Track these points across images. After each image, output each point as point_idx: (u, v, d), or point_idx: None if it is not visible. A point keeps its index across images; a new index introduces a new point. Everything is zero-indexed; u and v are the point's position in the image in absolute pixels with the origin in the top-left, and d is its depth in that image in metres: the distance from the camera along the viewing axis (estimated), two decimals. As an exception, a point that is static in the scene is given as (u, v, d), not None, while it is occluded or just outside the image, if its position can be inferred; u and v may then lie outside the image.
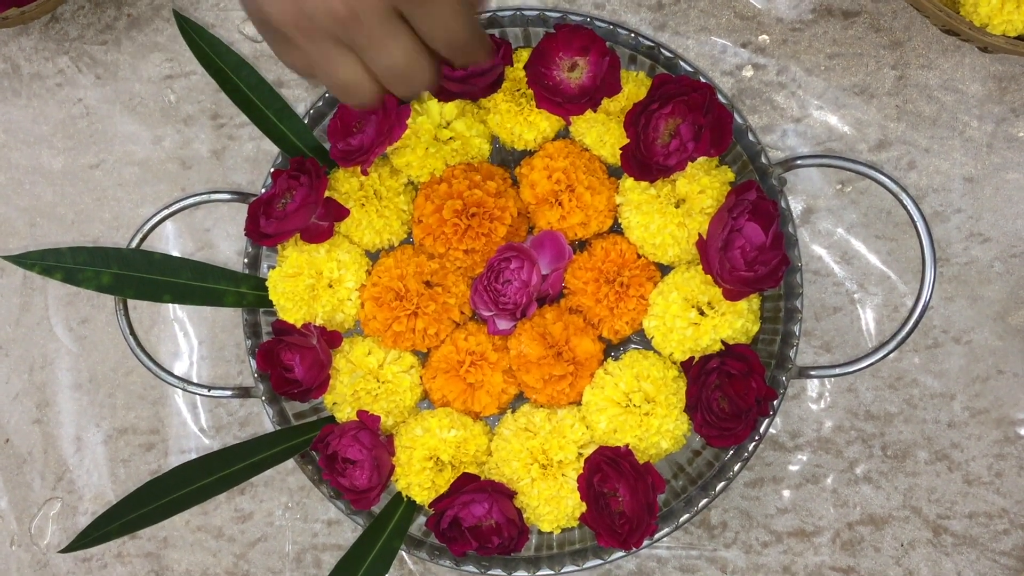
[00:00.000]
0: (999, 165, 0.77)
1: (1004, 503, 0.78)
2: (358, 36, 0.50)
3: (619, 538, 0.66)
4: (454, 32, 0.52)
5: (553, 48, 0.66)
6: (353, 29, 0.49)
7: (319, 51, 0.51)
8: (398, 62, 0.51)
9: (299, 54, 0.52)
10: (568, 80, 0.65)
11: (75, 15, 0.83)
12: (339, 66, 0.51)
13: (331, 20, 0.49)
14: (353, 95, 0.53)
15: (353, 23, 0.49)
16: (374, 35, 0.50)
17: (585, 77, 0.65)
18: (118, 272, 0.69)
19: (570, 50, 0.65)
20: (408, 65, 0.52)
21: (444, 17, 0.51)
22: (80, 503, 0.85)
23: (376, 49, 0.50)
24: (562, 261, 0.70)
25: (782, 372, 0.70)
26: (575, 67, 0.65)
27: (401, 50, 0.51)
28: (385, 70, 0.51)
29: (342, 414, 0.72)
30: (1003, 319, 0.78)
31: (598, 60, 0.65)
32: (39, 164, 0.84)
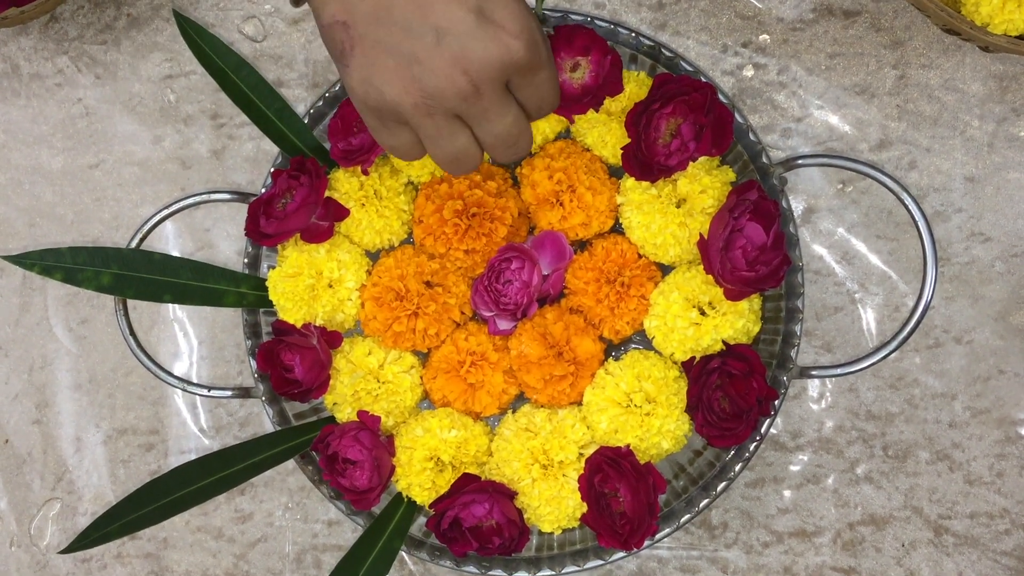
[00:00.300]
0: (1000, 164, 0.77)
1: (1005, 503, 0.78)
2: (475, 108, 0.52)
3: (620, 538, 0.66)
4: (549, 100, 0.55)
5: (554, 49, 0.66)
6: (472, 102, 0.51)
7: (434, 126, 0.53)
8: (510, 131, 0.54)
9: (406, 134, 0.54)
10: (571, 80, 0.65)
11: (74, 15, 0.83)
12: (454, 139, 0.53)
13: (454, 95, 0.51)
14: (463, 164, 0.55)
15: (474, 96, 0.51)
16: (491, 107, 0.52)
17: (588, 77, 0.65)
18: (118, 272, 0.69)
19: (572, 50, 0.65)
20: (517, 133, 0.54)
21: (545, 87, 0.54)
22: (80, 504, 0.85)
23: (491, 120, 0.53)
24: (563, 261, 0.70)
25: (783, 372, 0.70)
26: (577, 67, 0.65)
27: (513, 118, 0.53)
28: (496, 139, 0.54)
29: (342, 414, 0.72)
30: (1004, 319, 0.78)
31: (600, 59, 0.65)
32: (39, 164, 0.84)
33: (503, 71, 0.51)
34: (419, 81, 0.51)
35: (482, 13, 0.49)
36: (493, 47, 0.50)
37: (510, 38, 0.50)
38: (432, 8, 0.49)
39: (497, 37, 0.50)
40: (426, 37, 0.49)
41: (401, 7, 0.49)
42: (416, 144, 0.55)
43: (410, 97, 0.51)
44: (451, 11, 0.49)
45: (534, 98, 0.54)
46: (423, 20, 0.49)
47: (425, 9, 0.49)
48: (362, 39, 0.51)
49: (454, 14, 0.49)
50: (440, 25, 0.49)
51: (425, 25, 0.49)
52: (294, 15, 0.82)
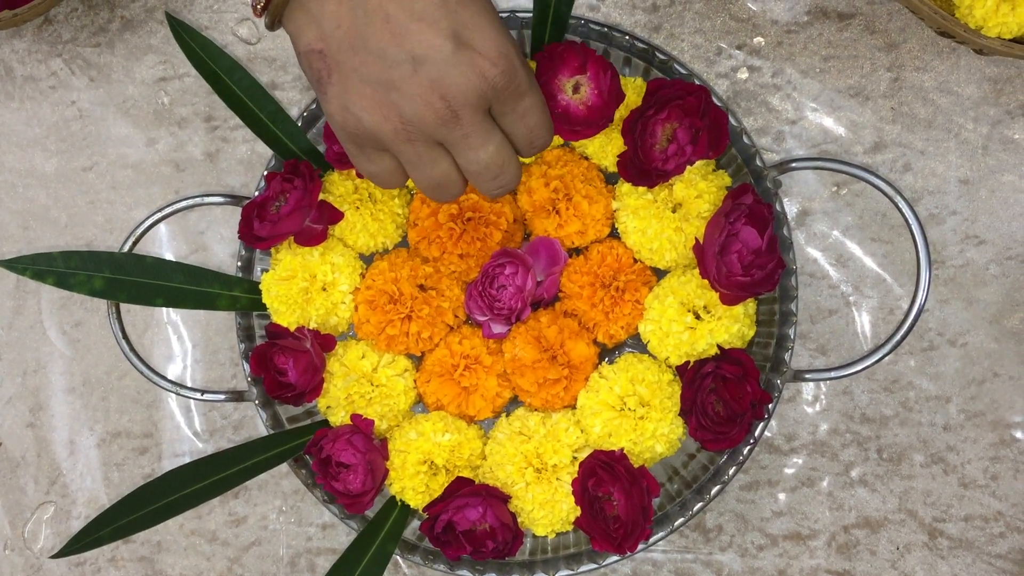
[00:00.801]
0: (994, 167, 0.77)
1: (1000, 506, 0.78)
2: (455, 134, 0.51)
3: (614, 542, 0.66)
4: (539, 130, 0.55)
5: (550, 71, 0.65)
6: (452, 127, 0.51)
7: (415, 152, 0.52)
8: (493, 159, 0.53)
9: (386, 160, 0.54)
10: (576, 102, 0.64)
11: (68, 17, 0.83)
12: (434, 165, 0.53)
13: (433, 120, 0.50)
14: (445, 191, 0.55)
15: (453, 122, 0.50)
16: (471, 133, 0.51)
17: (591, 95, 0.64)
18: (110, 276, 0.69)
19: (568, 69, 0.64)
20: (500, 163, 0.54)
21: (532, 115, 0.53)
22: (73, 507, 0.85)
23: (472, 147, 0.52)
24: (557, 266, 0.70)
25: (777, 375, 0.70)
26: (579, 87, 0.64)
27: (495, 147, 0.53)
28: (478, 167, 0.53)
29: (336, 418, 0.72)
30: (999, 322, 0.78)
31: (599, 74, 0.65)
32: (32, 167, 0.84)
33: (482, 97, 0.50)
34: (397, 107, 0.50)
35: (459, 39, 0.49)
36: (470, 73, 0.49)
37: (488, 64, 0.49)
38: (407, 36, 0.49)
39: (474, 63, 0.49)
40: (403, 65, 0.49)
41: (376, 35, 0.49)
42: (396, 171, 0.54)
43: (389, 123, 0.51)
44: (427, 38, 0.49)
45: (521, 127, 0.54)
46: (398, 48, 0.49)
47: (400, 37, 0.49)
48: (339, 66, 0.51)
49: (430, 41, 0.49)
50: (416, 52, 0.49)
51: (401, 53, 0.49)
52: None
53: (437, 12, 0.48)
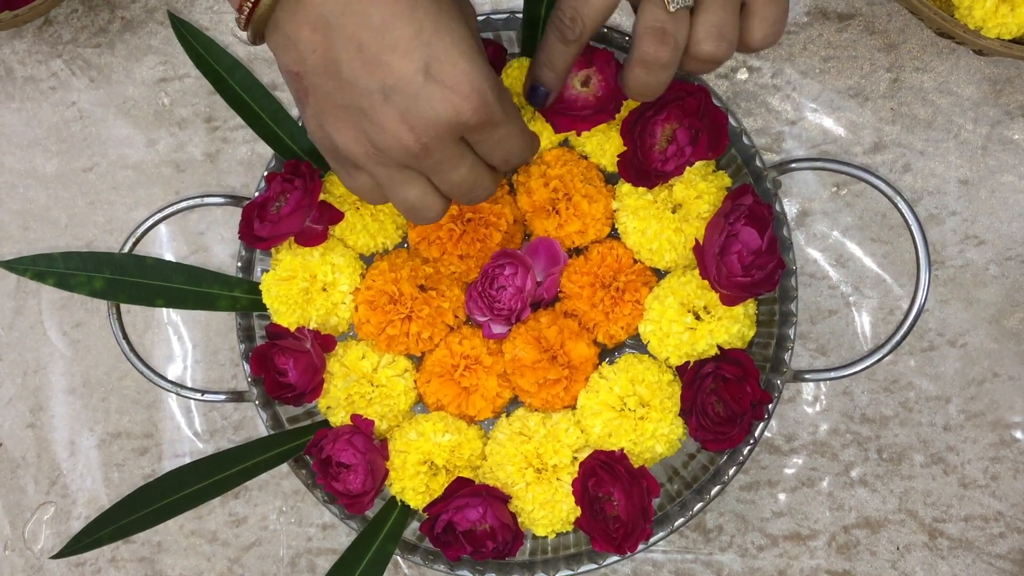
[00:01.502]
0: (994, 168, 0.77)
1: (1000, 506, 0.78)
2: (424, 163, 0.52)
3: (614, 543, 0.66)
4: (513, 153, 0.55)
5: None
6: (421, 158, 0.51)
7: (387, 175, 0.53)
8: (464, 180, 0.54)
9: (364, 178, 0.54)
10: (584, 95, 0.65)
11: (68, 18, 0.83)
12: (408, 189, 0.54)
13: (402, 151, 0.51)
14: (420, 213, 0.55)
15: (422, 153, 0.51)
16: (441, 161, 0.52)
17: (600, 86, 0.65)
18: (110, 277, 0.69)
19: (575, 67, 0.65)
20: (473, 181, 0.54)
21: (508, 143, 0.54)
22: (74, 508, 0.85)
23: (443, 172, 0.53)
24: (557, 266, 0.70)
25: (777, 376, 0.70)
26: (588, 80, 0.65)
27: (466, 170, 0.53)
28: (451, 187, 0.54)
29: (336, 418, 0.72)
30: (998, 322, 0.78)
31: (604, 65, 0.65)
32: (32, 167, 0.84)
33: (452, 130, 0.50)
34: (367, 134, 0.51)
35: (429, 73, 0.49)
36: (440, 107, 0.49)
37: (459, 99, 0.49)
38: (379, 66, 0.49)
39: (445, 97, 0.49)
40: (374, 94, 0.49)
41: (348, 63, 0.49)
42: (376, 188, 0.55)
43: (360, 147, 0.52)
44: (397, 69, 0.48)
45: (497, 153, 0.54)
46: (370, 77, 0.49)
47: (371, 66, 0.49)
48: (315, 89, 0.51)
49: (401, 72, 0.48)
50: (386, 83, 0.49)
51: (372, 82, 0.49)
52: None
53: (410, 44, 0.48)
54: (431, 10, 0.49)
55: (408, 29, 0.48)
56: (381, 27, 0.48)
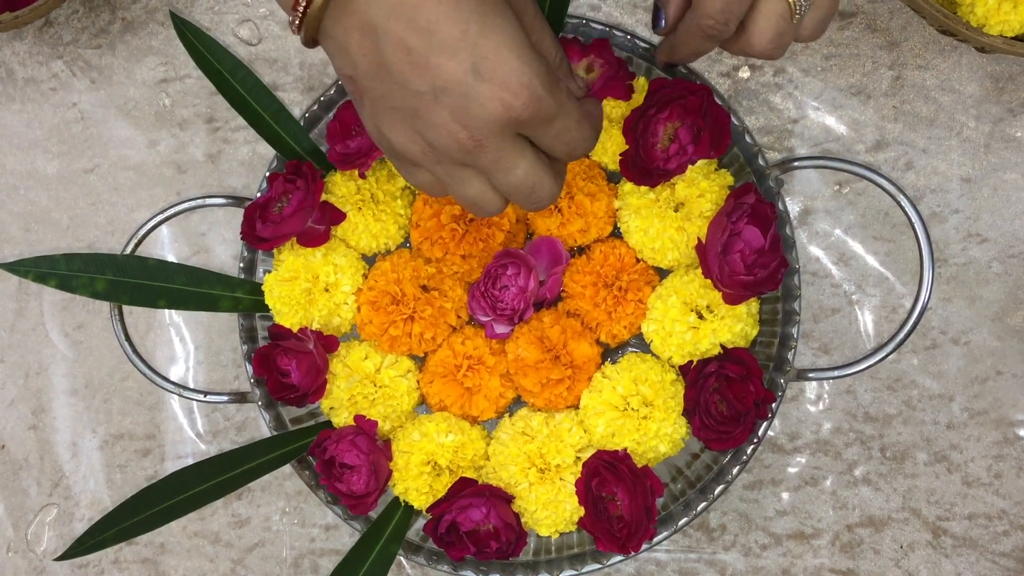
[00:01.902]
0: (996, 165, 0.77)
1: (1003, 504, 0.78)
2: (480, 161, 0.51)
3: (618, 542, 0.66)
4: (575, 144, 0.54)
5: None
6: (476, 155, 0.51)
7: (446, 173, 0.53)
8: (523, 182, 0.53)
9: (425, 174, 0.54)
10: (590, 80, 0.66)
11: (69, 19, 0.83)
12: (466, 185, 0.53)
13: (456, 149, 0.50)
14: (483, 209, 0.55)
15: (477, 150, 0.50)
16: (497, 159, 0.51)
17: (604, 68, 0.66)
18: (112, 278, 0.69)
19: (575, 57, 0.66)
20: (532, 184, 0.53)
21: (567, 135, 0.53)
22: (76, 509, 0.85)
23: (500, 171, 0.52)
24: (559, 265, 0.70)
25: (780, 375, 0.70)
26: (591, 67, 0.66)
27: (523, 171, 0.52)
28: (509, 188, 0.53)
29: (339, 419, 0.72)
30: (1001, 320, 0.78)
31: (602, 50, 0.66)
32: (34, 169, 0.84)
33: (505, 127, 0.50)
34: (422, 134, 0.51)
35: (478, 71, 0.48)
36: (491, 105, 0.49)
37: (509, 96, 0.49)
38: (427, 67, 0.48)
39: (494, 95, 0.49)
40: (425, 95, 0.49)
41: (398, 66, 0.49)
42: (437, 183, 0.55)
43: (416, 147, 0.52)
44: (446, 71, 0.48)
45: (558, 146, 0.53)
46: (420, 78, 0.49)
47: (420, 68, 0.49)
48: (368, 92, 0.51)
49: (450, 74, 0.48)
50: (436, 84, 0.49)
51: (423, 83, 0.49)
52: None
53: (456, 44, 0.48)
54: (476, 8, 0.48)
55: (454, 29, 0.48)
56: (427, 29, 0.48)
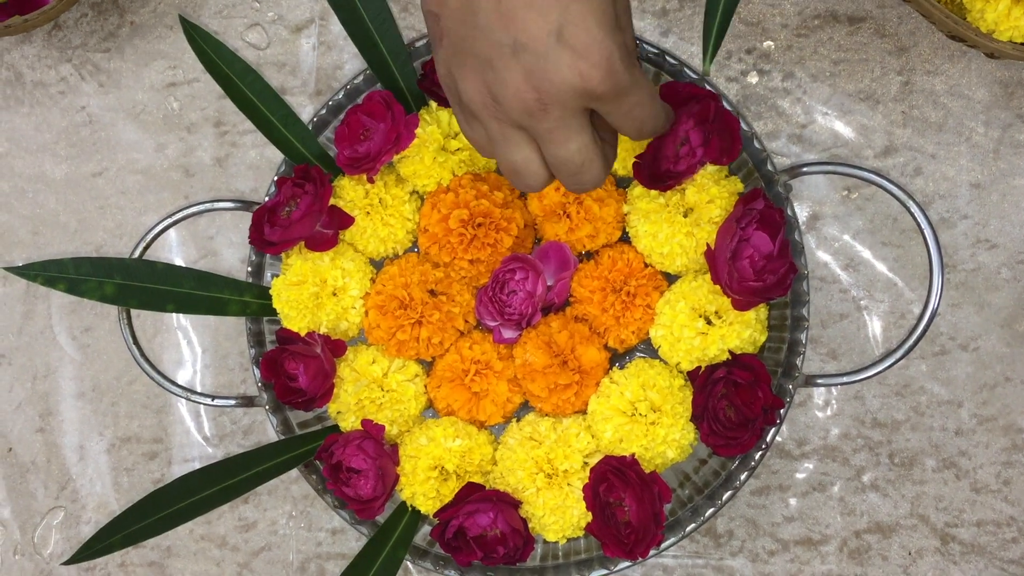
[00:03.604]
0: (1006, 171, 0.77)
1: (1012, 511, 0.78)
2: (540, 126, 0.51)
3: (625, 548, 0.66)
4: (645, 122, 0.53)
5: None
6: (538, 119, 0.50)
7: (500, 131, 0.52)
8: (573, 157, 0.52)
9: (481, 130, 0.53)
10: None
11: (78, 23, 0.83)
12: (515, 149, 0.53)
13: (519, 107, 0.50)
14: (522, 178, 0.54)
15: (540, 114, 0.50)
16: (556, 128, 0.51)
17: None
18: (121, 282, 0.69)
19: None
20: (582, 162, 0.53)
21: (637, 111, 0.52)
22: (83, 512, 0.85)
23: (555, 142, 0.51)
24: (567, 271, 0.70)
25: (789, 380, 0.70)
26: None
27: (577, 146, 0.52)
28: (559, 161, 0.53)
29: (346, 423, 0.72)
30: (1011, 326, 0.78)
31: None
32: (42, 172, 0.84)
33: (576, 98, 0.49)
34: (490, 86, 0.50)
35: (562, 36, 0.48)
36: (568, 73, 0.48)
37: (587, 66, 0.48)
38: (514, 20, 0.48)
39: (572, 63, 0.48)
40: (504, 47, 0.49)
41: (486, 12, 0.49)
42: (488, 142, 0.54)
43: (480, 97, 0.51)
44: (531, 27, 0.48)
45: (628, 123, 0.53)
46: (504, 30, 0.48)
47: (507, 19, 0.48)
48: (449, 33, 0.51)
49: (534, 31, 0.48)
50: (518, 39, 0.48)
51: (505, 35, 0.49)
52: (298, 23, 0.81)
53: (548, 4, 0.48)
54: None
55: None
56: None
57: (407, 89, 0.71)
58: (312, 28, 0.82)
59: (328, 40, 0.81)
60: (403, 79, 0.70)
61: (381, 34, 0.69)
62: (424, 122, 0.69)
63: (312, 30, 0.82)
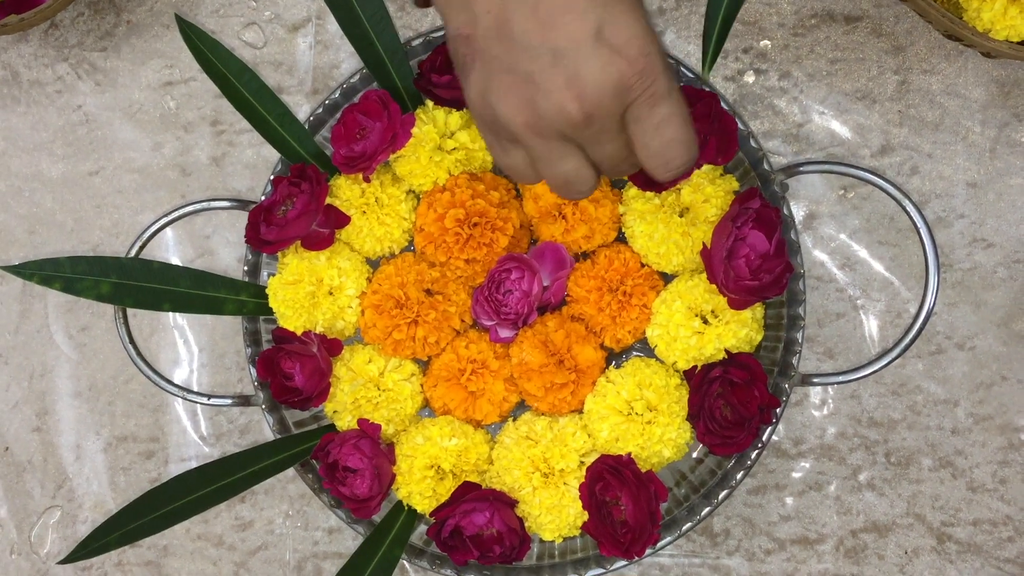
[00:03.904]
0: (1002, 170, 0.77)
1: (1008, 510, 0.78)
2: (586, 133, 0.51)
3: (621, 547, 0.66)
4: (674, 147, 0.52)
5: None
6: (582, 129, 0.50)
7: (545, 148, 0.52)
8: (617, 153, 0.52)
9: (521, 153, 0.53)
10: None
11: (74, 22, 0.83)
12: (563, 161, 0.52)
13: (565, 122, 0.50)
14: (575, 187, 0.54)
15: (584, 123, 0.50)
16: (602, 132, 0.51)
17: None
18: (117, 281, 0.69)
19: None
20: (623, 158, 0.53)
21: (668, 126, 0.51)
22: (80, 511, 0.85)
23: (600, 144, 0.51)
24: (563, 270, 0.70)
25: (785, 380, 0.70)
26: None
27: (620, 144, 0.52)
28: (604, 157, 0.53)
29: (343, 422, 0.72)
30: (1007, 325, 0.78)
31: None
32: (39, 171, 0.84)
33: (617, 96, 0.49)
34: (532, 102, 0.50)
35: (601, 35, 0.48)
36: (608, 71, 0.48)
37: (625, 63, 0.48)
38: (552, 26, 0.48)
39: (612, 60, 0.48)
40: (543, 57, 0.49)
41: (522, 22, 0.48)
42: (530, 165, 0.54)
43: (521, 116, 0.50)
44: (571, 30, 0.48)
45: (656, 140, 0.51)
46: (542, 38, 0.48)
47: (545, 26, 0.48)
48: (482, 53, 0.51)
49: (573, 34, 0.48)
50: (557, 45, 0.48)
51: (543, 43, 0.48)
52: (294, 22, 0.81)
53: (587, 5, 0.48)
54: None
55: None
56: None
57: (403, 88, 0.71)
58: (309, 27, 0.81)
59: (325, 39, 0.81)
60: (400, 78, 0.70)
61: (378, 33, 0.69)
62: (420, 121, 0.69)
63: (309, 29, 0.81)
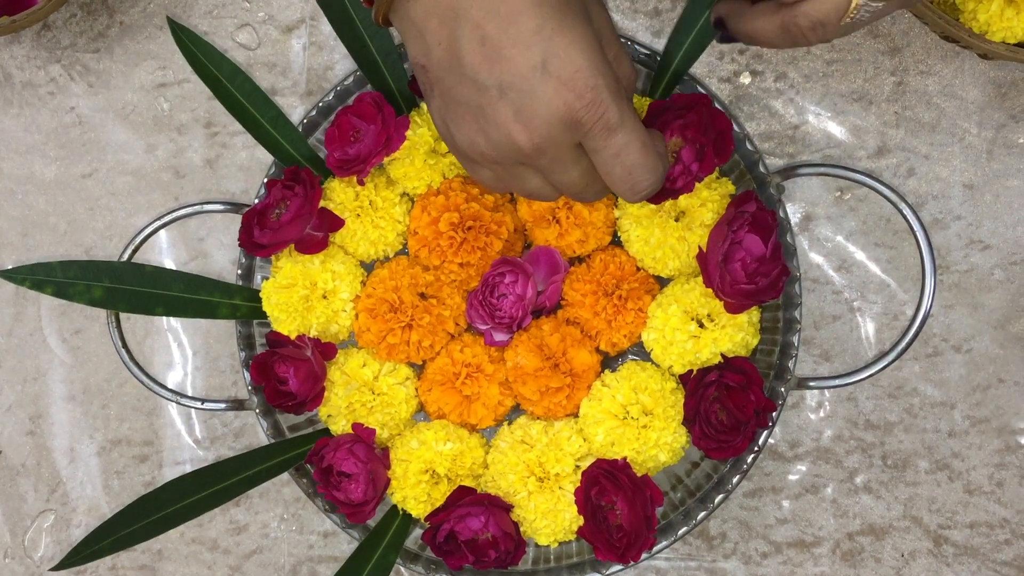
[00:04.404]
0: (999, 172, 0.77)
1: (1005, 513, 0.78)
2: (538, 163, 0.52)
3: (617, 552, 0.66)
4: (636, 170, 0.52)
5: None
6: (534, 158, 0.51)
7: (505, 171, 0.54)
8: (576, 182, 0.53)
9: (488, 172, 0.55)
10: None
11: (67, 23, 0.82)
12: (523, 182, 0.54)
13: (514, 152, 0.51)
14: (542, 199, 0.56)
15: (535, 154, 0.51)
16: (554, 162, 0.52)
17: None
18: (109, 286, 0.69)
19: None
20: (586, 185, 0.54)
21: (625, 155, 0.51)
22: (74, 515, 0.84)
23: (555, 172, 0.53)
24: (557, 274, 0.69)
25: (781, 383, 0.70)
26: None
27: (578, 173, 0.53)
28: (564, 187, 0.54)
29: (337, 427, 0.71)
30: (1004, 327, 0.78)
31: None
32: (31, 173, 0.83)
33: (564, 128, 0.49)
34: (484, 132, 0.51)
35: (545, 68, 0.48)
36: (555, 104, 0.48)
37: (572, 95, 0.48)
38: (498, 61, 0.48)
39: (557, 92, 0.48)
40: (491, 90, 0.49)
41: (470, 57, 0.49)
42: (498, 180, 0.55)
43: (476, 146, 0.52)
44: (516, 64, 0.48)
45: (617, 168, 0.51)
46: (489, 72, 0.49)
47: (491, 61, 0.49)
48: (439, 83, 0.51)
49: (518, 68, 0.48)
50: (503, 79, 0.49)
51: (490, 78, 0.49)
52: (288, 23, 0.81)
53: (531, 38, 0.48)
54: (556, 6, 0.48)
55: (532, 23, 0.48)
56: (507, 19, 0.48)
57: (398, 91, 0.70)
58: (303, 28, 0.81)
59: (319, 40, 0.81)
60: (393, 81, 0.70)
61: (371, 35, 0.69)
62: (415, 124, 0.69)
63: (303, 30, 0.81)
